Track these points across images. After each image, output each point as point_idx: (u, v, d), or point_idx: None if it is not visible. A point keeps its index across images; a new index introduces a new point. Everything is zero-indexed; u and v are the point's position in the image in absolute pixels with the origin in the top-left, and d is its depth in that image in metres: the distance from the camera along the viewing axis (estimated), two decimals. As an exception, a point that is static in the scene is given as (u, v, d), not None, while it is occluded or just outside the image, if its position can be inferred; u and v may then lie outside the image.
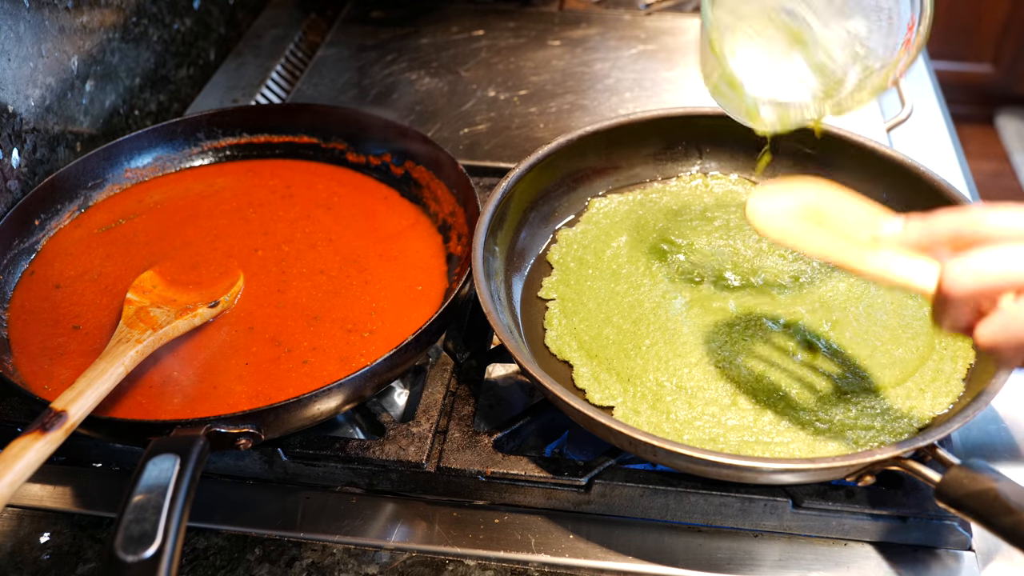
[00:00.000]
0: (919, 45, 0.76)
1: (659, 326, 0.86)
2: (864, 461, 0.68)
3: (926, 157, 1.06)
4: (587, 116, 1.22)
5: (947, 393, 0.80)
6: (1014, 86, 3.11)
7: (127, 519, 0.61)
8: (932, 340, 0.84)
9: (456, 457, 0.80)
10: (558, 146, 0.97)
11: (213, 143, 1.10)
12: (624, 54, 1.35)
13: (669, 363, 0.83)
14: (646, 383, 0.81)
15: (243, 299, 0.91)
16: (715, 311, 0.88)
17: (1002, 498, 0.63)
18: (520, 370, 0.87)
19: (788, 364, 0.82)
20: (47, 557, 0.78)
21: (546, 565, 0.77)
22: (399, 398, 0.90)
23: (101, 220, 1.01)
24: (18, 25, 0.98)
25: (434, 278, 0.93)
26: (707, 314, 0.87)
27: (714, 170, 1.05)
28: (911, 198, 0.95)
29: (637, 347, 0.85)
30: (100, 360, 0.76)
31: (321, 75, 1.32)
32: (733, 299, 0.89)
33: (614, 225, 0.98)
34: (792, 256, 0.93)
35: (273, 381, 0.82)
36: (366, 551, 0.78)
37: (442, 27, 1.43)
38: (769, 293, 0.89)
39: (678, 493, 0.78)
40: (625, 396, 0.81)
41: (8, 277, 0.92)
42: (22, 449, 0.65)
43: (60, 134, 1.07)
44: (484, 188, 1.05)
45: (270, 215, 1.01)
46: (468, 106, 1.25)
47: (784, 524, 0.78)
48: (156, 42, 1.26)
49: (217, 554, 0.78)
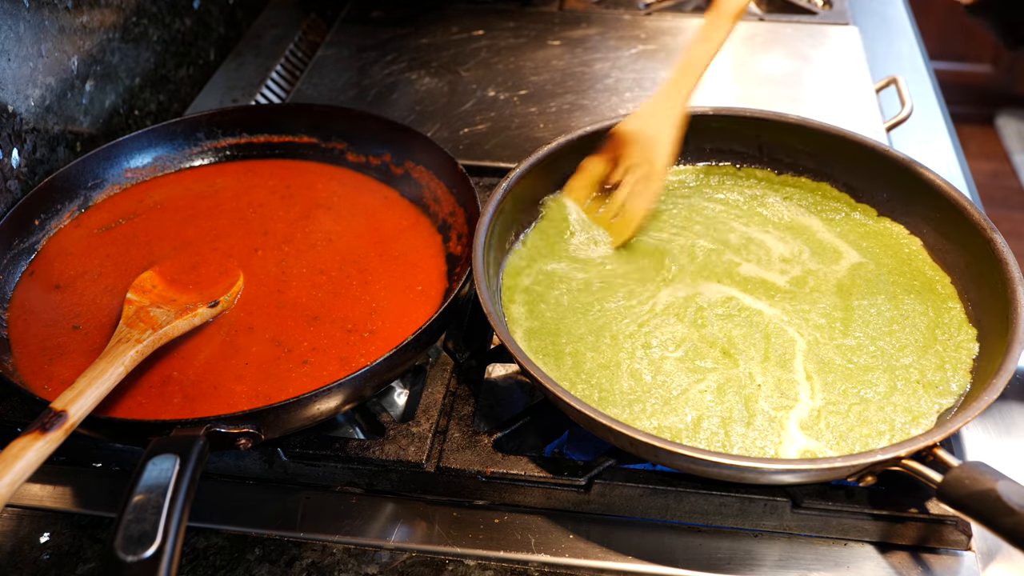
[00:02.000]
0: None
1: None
2: (865, 462, 0.68)
3: (926, 157, 1.06)
4: (587, 116, 1.22)
5: (947, 392, 0.80)
6: (1014, 86, 3.11)
7: (127, 519, 0.61)
8: (933, 336, 0.84)
9: (456, 457, 0.80)
10: (558, 146, 0.97)
11: (213, 143, 1.10)
12: (624, 54, 1.35)
13: (633, 352, 0.83)
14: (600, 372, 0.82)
15: (243, 299, 0.91)
16: (705, 310, 0.87)
17: (1003, 498, 0.63)
18: (520, 370, 0.87)
19: (787, 362, 0.82)
20: (47, 557, 0.78)
21: (546, 565, 0.77)
22: (399, 398, 0.90)
23: (101, 220, 1.01)
24: (18, 25, 0.98)
25: (434, 278, 0.93)
26: (693, 313, 0.87)
27: (714, 170, 1.04)
28: (911, 198, 0.95)
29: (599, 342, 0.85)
30: (100, 360, 0.76)
31: (321, 75, 1.32)
32: (724, 294, 0.89)
33: None
34: (785, 253, 0.93)
35: (273, 381, 0.82)
36: (366, 551, 0.78)
37: (442, 27, 1.43)
38: (762, 288, 0.89)
39: (678, 493, 0.78)
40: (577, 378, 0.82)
41: (8, 277, 0.92)
42: (22, 449, 0.65)
43: (60, 134, 1.07)
44: (484, 188, 1.05)
45: (270, 215, 1.01)
46: (468, 106, 1.25)
47: (784, 524, 0.78)
48: (156, 42, 1.26)
49: (217, 554, 0.78)
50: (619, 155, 0.97)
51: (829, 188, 1.01)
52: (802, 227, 0.97)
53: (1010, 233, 2.71)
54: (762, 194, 1.01)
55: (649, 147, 0.95)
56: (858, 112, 1.21)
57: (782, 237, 0.95)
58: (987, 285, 0.85)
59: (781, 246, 0.94)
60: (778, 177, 1.03)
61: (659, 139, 0.95)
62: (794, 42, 1.37)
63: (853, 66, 1.31)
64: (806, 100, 1.24)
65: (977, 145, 3.11)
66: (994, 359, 0.77)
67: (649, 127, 0.96)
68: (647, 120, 0.96)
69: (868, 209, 0.98)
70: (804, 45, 1.37)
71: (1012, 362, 0.74)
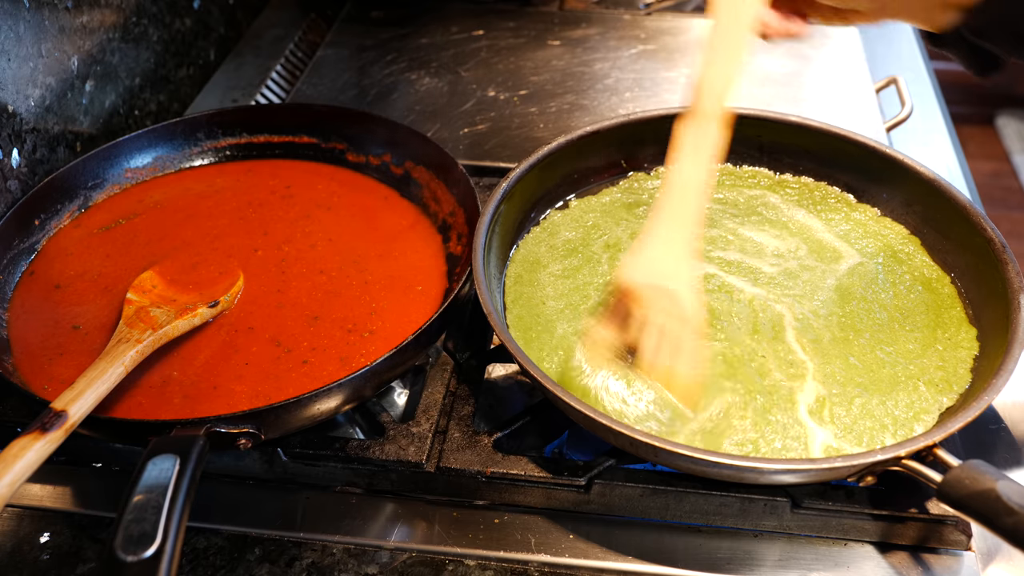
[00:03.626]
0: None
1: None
2: (865, 461, 0.68)
3: (926, 157, 1.06)
4: (587, 116, 1.22)
5: (948, 392, 0.80)
6: (1014, 86, 3.11)
7: (127, 519, 0.61)
8: (933, 336, 0.84)
9: (456, 457, 0.80)
10: (558, 146, 0.97)
11: (213, 143, 1.10)
12: (624, 54, 1.35)
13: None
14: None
15: (243, 299, 0.91)
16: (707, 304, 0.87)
17: (1003, 498, 0.63)
18: (520, 370, 0.87)
19: (786, 361, 0.82)
20: (47, 557, 0.78)
21: (546, 565, 0.77)
22: (399, 398, 0.90)
23: (101, 220, 1.01)
24: (18, 25, 0.98)
25: (434, 278, 0.93)
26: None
27: (715, 170, 1.04)
28: (911, 198, 0.95)
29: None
30: (100, 360, 0.76)
31: (321, 75, 1.32)
32: (725, 295, 0.89)
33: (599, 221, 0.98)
34: (781, 249, 0.93)
35: (273, 381, 0.82)
36: (366, 551, 0.78)
37: (442, 27, 1.43)
38: (762, 285, 0.89)
39: (678, 493, 0.78)
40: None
41: (8, 277, 0.92)
42: (22, 449, 0.65)
43: (60, 134, 1.07)
44: (484, 188, 1.05)
45: (270, 215, 1.01)
46: (468, 106, 1.25)
47: (784, 524, 0.78)
48: (156, 42, 1.26)
49: (217, 554, 0.78)
50: (630, 314, 0.78)
51: (829, 188, 1.01)
52: (801, 227, 0.97)
53: (1010, 233, 2.71)
54: (762, 194, 1.01)
55: (667, 298, 0.76)
56: (858, 112, 1.21)
57: (779, 236, 0.95)
58: (987, 285, 0.85)
59: (777, 243, 0.94)
60: (778, 177, 1.03)
61: (677, 284, 0.77)
62: (794, 42, 1.37)
63: (853, 66, 1.31)
64: (806, 100, 1.24)
65: (977, 145, 3.11)
66: (994, 359, 0.77)
67: (658, 274, 0.77)
68: (653, 265, 0.78)
69: (868, 209, 0.98)
70: (804, 45, 1.36)
71: (1012, 362, 0.74)
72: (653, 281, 0.77)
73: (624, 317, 0.78)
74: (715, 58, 0.79)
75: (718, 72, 0.79)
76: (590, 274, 0.91)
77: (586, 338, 0.79)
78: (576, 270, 0.92)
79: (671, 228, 0.78)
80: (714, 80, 0.79)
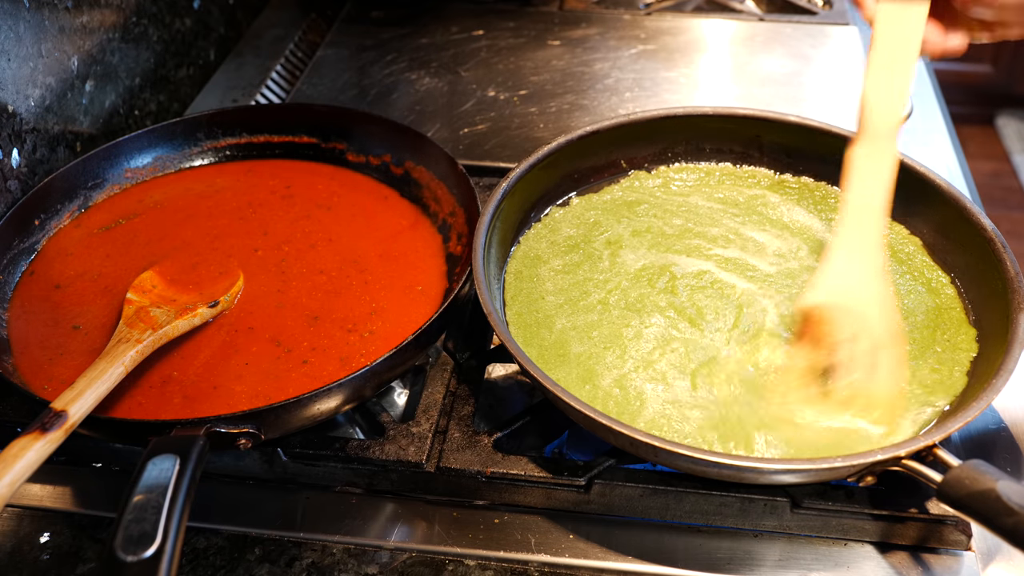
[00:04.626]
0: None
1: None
2: (865, 461, 0.68)
3: (926, 157, 1.06)
4: (587, 116, 1.22)
5: (948, 391, 0.80)
6: (1014, 86, 3.11)
7: (127, 519, 0.61)
8: (933, 336, 0.84)
9: (456, 457, 0.80)
10: (558, 146, 0.97)
11: (213, 143, 1.10)
12: (624, 54, 1.35)
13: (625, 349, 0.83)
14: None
15: (243, 299, 0.91)
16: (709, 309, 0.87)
17: (1003, 498, 0.63)
18: (520, 370, 0.87)
19: (785, 359, 0.82)
20: (47, 557, 0.78)
21: (546, 565, 0.77)
22: (399, 398, 0.90)
23: (101, 220, 1.01)
24: (18, 25, 0.98)
25: (434, 278, 0.93)
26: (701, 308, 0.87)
27: (714, 170, 1.04)
28: (911, 198, 0.95)
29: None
30: (100, 360, 0.76)
31: (321, 75, 1.32)
32: (727, 296, 0.89)
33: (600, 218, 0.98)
34: (782, 249, 0.93)
35: (273, 381, 0.82)
36: (366, 551, 0.78)
37: (442, 27, 1.43)
38: (766, 287, 0.89)
39: (678, 493, 0.78)
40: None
41: (8, 277, 0.92)
42: (22, 449, 0.64)
43: (60, 134, 1.07)
44: (484, 188, 1.05)
45: (270, 215, 1.01)
46: (468, 106, 1.25)
47: (784, 524, 0.78)
48: (156, 42, 1.26)
49: (217, 554, 0.78)
50: (822, 338, 0.78)
51: (829, 188, 1.01)
52: (801, 227, 0.97)
53: (1010, 233, 2.71)
54: (762, 194, 1.01)
55: (859, 318, 0.76)
56: (858, 112, 1.21)
57: (780, 235, 0.95)
58: (987, 285, 0.85)
59: (778, 243, 0.94)
60: (778, 177, 1.03)
61: (868, 303, 0.77)
62: (794, 42, 1.37)
63: (853, 66, 1.31)
64: (806, 100, 1.24)
65: (977, 145, 3.11)
66: (994, 359, 0.77)
67: (849, 295, 0.78)
68: (842, 287, 0.78)
69: (868, 209, 0.98)
70: (804, 45, 1.37)
71: (1012, 362, 0.74)
72: (844, 302, 0.77)
73: (816, 341, 0.79)
74: (881, 77, 0.78)
75: (886, 91, 0.78)
76: (591, 270, 0.92)
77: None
78: (577, 266, 0.92)
79: (856, 250, 0.79)
80: (883, 99, 0.79)
